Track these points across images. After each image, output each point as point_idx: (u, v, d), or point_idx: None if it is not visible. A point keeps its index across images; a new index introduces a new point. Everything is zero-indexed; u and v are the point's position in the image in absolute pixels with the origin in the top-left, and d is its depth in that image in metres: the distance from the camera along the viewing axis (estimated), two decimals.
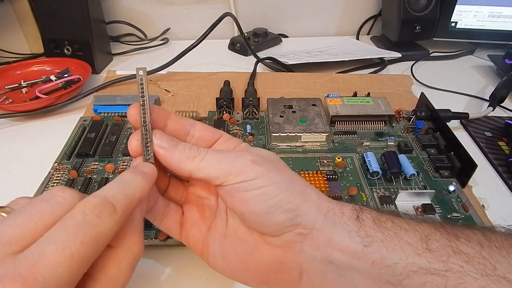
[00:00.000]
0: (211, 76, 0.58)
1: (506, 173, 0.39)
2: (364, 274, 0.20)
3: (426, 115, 0.45)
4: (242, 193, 0.21)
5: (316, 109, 0.44)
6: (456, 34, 0.68)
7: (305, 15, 0.79)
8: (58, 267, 0.15)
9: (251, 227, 0.22)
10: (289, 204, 0.21)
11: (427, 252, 0.20)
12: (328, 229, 0.21)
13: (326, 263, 0.21)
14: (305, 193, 0.22)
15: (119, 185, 0.19)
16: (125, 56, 0.69)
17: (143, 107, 0.21)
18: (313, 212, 0.22)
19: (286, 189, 0.21)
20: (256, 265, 0.22)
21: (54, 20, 0.59)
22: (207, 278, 0.28)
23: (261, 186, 0.21)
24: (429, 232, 0.21)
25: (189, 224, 0.24)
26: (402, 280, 0.19)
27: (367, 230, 0.21)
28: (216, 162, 0.22)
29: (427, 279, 0.19)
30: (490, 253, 0.19)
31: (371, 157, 0.38)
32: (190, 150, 0.22)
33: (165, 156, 0.22)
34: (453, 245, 0.20)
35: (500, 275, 0.18)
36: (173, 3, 0.75)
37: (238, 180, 0.21)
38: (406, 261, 0.19)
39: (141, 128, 0.21)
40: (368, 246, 0.20)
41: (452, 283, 0.19)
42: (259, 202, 0.21)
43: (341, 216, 0.22)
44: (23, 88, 0.53)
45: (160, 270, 0.29)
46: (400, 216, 0.22)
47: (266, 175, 0.21)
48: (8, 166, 0.41)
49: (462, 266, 0.19)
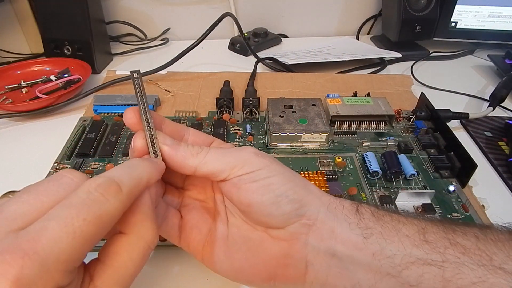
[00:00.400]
0: (211, 76, 0.58)
1: (506, 173, 0.39)
2: (365, 266, 0.21)
3: (426, 115, 0.45)
4: (248, 184, 0.21)
5: (316, 109, 0.44)
6: (456, 34, 0.68)
7: (305, 15, 0.79)
8: (59, 243, 0.15)
9: (257, 220, 0.22)
10: (294, 195, 0.21)
11: (425, 244, 0.20)
12: (331, 220, 0.22)
13: (330, 255, 0.21)
14: (307, 186, 0.23)
15: (126, 168, 0.19)
16: (125, 56, 0.69)
17: (144, 108, 0.22)
18: (316, 204, 0.22)
19: (291, 180, 0.22)
20: (263, 262, 0.22)
21: (54, 20, 0.59)
22: (207, 278, 0.28)
23: (267, 176, 0.21)
24: (426, 225, 0.21)
25: (188, 227, 0.24)
26: (401, 271, 0.20)
27: (367, 223, 0.21)
28: (220, 156, 0.22)
29: (424, 270, 0.19)
30: (486, 245, 0.20)
31: (371, 157, 0.38)
32: (193, 148, 0.22)
33: (170, 152, 0.22)
34: (449, 237, 0.20)
35: (496, 266, 0.19)
36: (173, 3, 0.75)
37: (243, 172, 0.21)
38: (404, 252, 0.20)
39: (145, 128, 0.22)
40: (368, 237, 0.21)
41: (449, 274, 0.19)
42: (266, 192, 0.21)
43: (341, 209, 0.22)
44: (23, 88, 0.53)
45: (160, 270, 0.29)
46: (397, 212, 0.23)
47: (270, 166, 0.22)
48: (8, 166, 0.41)
49: (458, 257, 0.19)
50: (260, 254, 0.22)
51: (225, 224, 0.24)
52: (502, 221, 0.22)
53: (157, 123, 0.23)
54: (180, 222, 0.25)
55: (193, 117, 0.46)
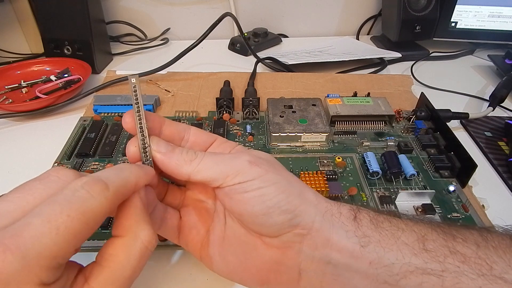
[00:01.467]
0: (211, 76, 0.58)
1: (506, 173, 0.39)
2: (361, 274, 0.20)
3: (426, 115, 0.45)
4: (240, 194, 0.21)
5: (316, 109, 0.44)
6: (456, 34, 0.68)
7: (305, 15, 0.79)
8: (42, 238, 0.15)
9: (250, 229, 0.22)
10: (287, 205, 0.21)
11: (424, 252, 0.20)
12: (326, 229, 0.21)
13: (325, 263, 0.21)
14: (303, 194, 0.22)
15: (114, 169, 0.19)
16: (125, 56, 0.69)
17: (139, 114, 0.22)
18: (311, 213, 0.22)
19: (285, 189, 0.21)
20: (255, 266, 0.22)
21: (54, 20, 0.59)
22: (207, 278, 0.28)
23: (259, 187, 0.21)
24: (426, 232, 0.21)
25: (187, 228, 0.24)
26: (399, 280, 0.19)
27: (365, 231, 0.21)
28: (214, 164, 0.22)
29: (423, 279, 0.19)
30: (487, 253, 0.19)
31: (371, 157, 0.38)
32: (188, 154, 0.22)
33: (163, 160, 0.22)
34: (449, 245, 0.20)
35: (496, 275, 0.18)
36: (173, 3, 0.75)
37: (236, 181, 0.21)
38: (403, 261, 0.20)
39: (138, 135, 0.22)
40: (366, 246, 0.20)
41: (448, 283, 0.19)
42: (257, 203, 0.21)
43: (339, 216, 0.22)
44: (23, 88, 0.53)
45: (160, 270, 0.29)
46: (397, 216, 0.22)
47: (264, 176, 0.21)
48: (8, 166, 0.41)
49: (458, 266, 0.19)
50: (253, 259, 0.22)
51: (222, 225, 0.24)
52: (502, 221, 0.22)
53: (157, 125, 0.23)
54: (179, 223, 0.25)
55: (193, 117, 0.46)
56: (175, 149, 0.22)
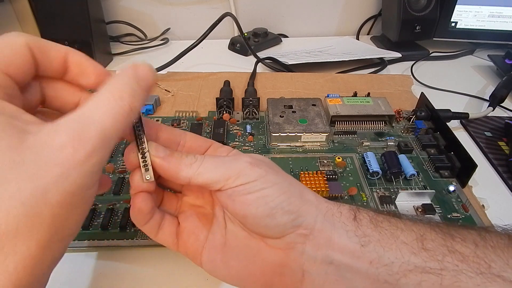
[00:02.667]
0: (211, 76, 0.58)
1: (506, 173, 0.39)
2: (363, 274, 0.20)
3: (426, 115, 0.45)
4: (243, 196, 0.21)
5: (316, 109, 0.44)
6: (456, 34, 0.68)
7: (305, 15, 0.79)
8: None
9: (253, 231, 0.22)
10: (290, 206, 0.21)
11: (423, 252, 0.20)
12: (327, 229, 0.21)
13: (327, 263, 0.21)
14: (303, 194, 0.22)
15: None
16: (125, 56, 0.69)
17: (134, 122, 0.21)
18: (313, 213, 0.22)
19: (286, 190, 0.21)
20: (260, 270, 0.22)
21: (54, 20, 0.59)
22: (207, 278, 0.28)
23: (261, 188, 0.21)
24: (424, 231, 0.21)
25: (185, 234, 0.24)
26: (399, 279, 0.20)
27: (365, 230, 0.21)
28: (214, 166, 0.22)
29: (423, 278, 0.19)
30: (485, 252, 0.19)
31: (371, 157, 0.38)
32: (187, 157, 0.22)
33: (163, 165, 0.21)
34: (448, 245, 0.20)
35: (494, 274, 0.19)
36: (173, 3, 0.75)
37: (238, 183, 0.21)
38: (402, 260, 0.20)
39: (136, 141, 0.21)
40: (366, 245, 0.21)
41: (447, 282, 0.19)
42: (261, 204, 0.21)
43: (339, 216, 0.22)
44: None
45: (160, 270, 0.29)
46: (396, 216, 0.22)
47: (265, 177, 0.21)
48: None
49: (457, 265, 0.19)
50: (257, 263, 0.22)
51: (222, 230, 0.23)
52: (502, 221, 0.22)
53: (153, 131, 0.23)
54: (178, 229, 0.24)
55: (193, 117, 0.46)
56: (174, 153, 0.22)
